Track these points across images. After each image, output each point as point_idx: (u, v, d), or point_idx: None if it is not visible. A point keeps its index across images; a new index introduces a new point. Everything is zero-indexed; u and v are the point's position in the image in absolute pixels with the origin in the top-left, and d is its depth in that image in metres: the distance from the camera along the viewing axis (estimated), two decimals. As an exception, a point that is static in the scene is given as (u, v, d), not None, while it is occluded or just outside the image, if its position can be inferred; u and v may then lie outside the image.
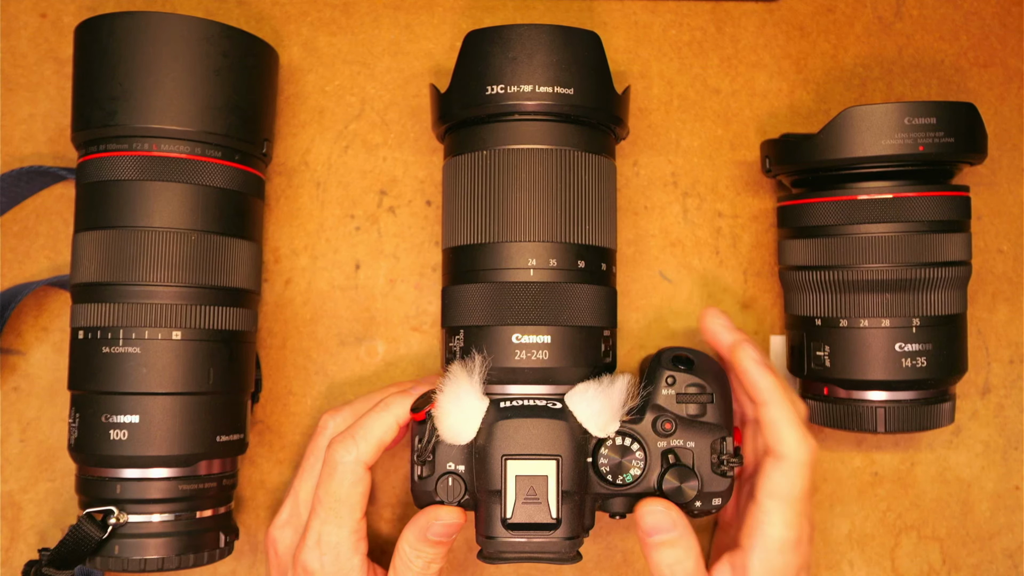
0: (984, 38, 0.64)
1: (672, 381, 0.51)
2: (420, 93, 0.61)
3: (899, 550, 0.61)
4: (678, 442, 0.50)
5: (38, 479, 0.58)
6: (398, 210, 0.60)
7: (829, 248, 0.54)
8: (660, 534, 0.49)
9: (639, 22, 0.62)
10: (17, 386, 0.58)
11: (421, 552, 0.49)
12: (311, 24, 0.61)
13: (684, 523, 0.49)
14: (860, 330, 0.54)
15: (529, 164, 0.50)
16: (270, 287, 0.60)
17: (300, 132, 0.61)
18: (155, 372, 0.49)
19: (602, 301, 0.51)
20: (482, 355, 0.49)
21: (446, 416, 0.48)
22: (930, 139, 0.52)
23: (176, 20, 0.50)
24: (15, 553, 0.58)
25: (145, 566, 0.49)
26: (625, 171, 0.61)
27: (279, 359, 0.59)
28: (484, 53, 0.50)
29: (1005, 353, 0.62)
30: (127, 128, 0.50)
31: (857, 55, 0.63)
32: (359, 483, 0.50)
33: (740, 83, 0.62)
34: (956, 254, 0.54)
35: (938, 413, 0.55)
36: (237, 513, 0.59)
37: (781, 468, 0.49)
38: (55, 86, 0.60)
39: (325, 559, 0.50)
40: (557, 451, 0.48)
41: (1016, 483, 0.62)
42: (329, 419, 0.54)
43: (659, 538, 0.49)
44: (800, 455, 0.49)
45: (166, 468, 0.50)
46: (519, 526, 0.47)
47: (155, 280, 0.50)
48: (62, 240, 0.59)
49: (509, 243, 0.50)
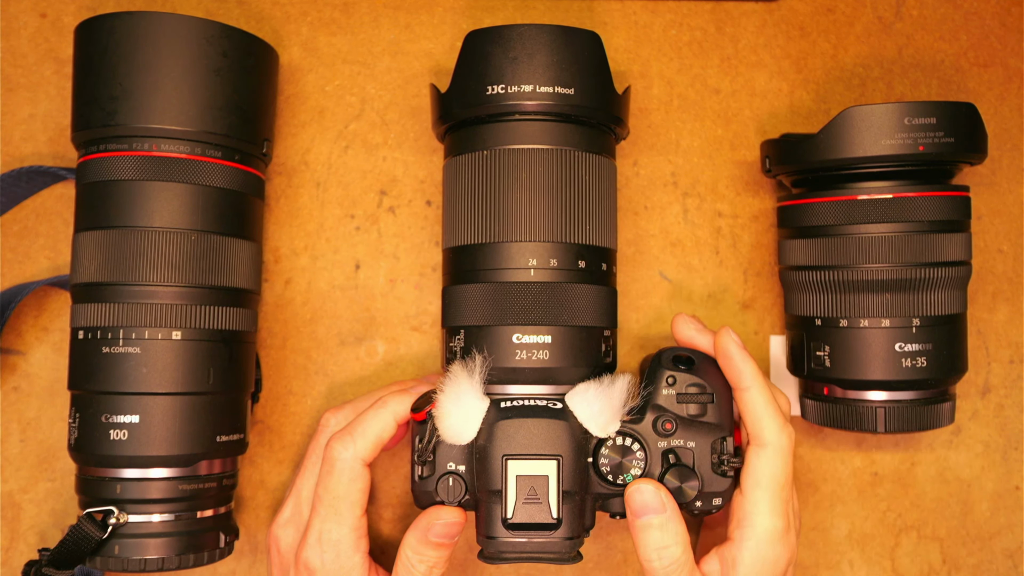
0: (984, 38, 0.64)
1: (672, 381, 0.51)
2: (420, 93, 0.61)
3: (899, 550, 0.62)
4: (678, 442, 0.50)
5: (38, 479, 0.58)
6: (398, 210, 0.60)
7: (829, 248, 0.54)
8: (648, 515, 0.48)
9: (639, 22, 0.62)
10: (17, 386, 0.58)
11: (423, 555, 0.49)
12: (311, 24, 0.61)
13: (674, 507, 0.49)
14: (860, 330, 0.54)
15: (529, 164, 0.50)
16: (270, 287, 0.60)
17: (300, 132, 0.60)
18: (155, 372, 0.49)
19: (602, 301, 0.51)
20: (482, 355, 0.49)
21: (446, 416, 0.48)
22: (930, 139, 0.52)
23: (176, 20, 0.50)
24: (15, 553, 0.58)
25: (145, 566, 0.49)
26: (625, 171, 0.61)
27: (279, 359, 0.59)
28: (484, 53, 0.50)
29: (1005, 353, 0.62)
30: (127, 128, 0.50)
31: (857, 55, 0.63)
32: (358, 480, 0.50)
33: (740, 83, 0.62)
34: (956, 254, 0.54)
35: (938, 413, 0.55)
36: (237, 513, 0.59)
37: (764, 456, 0.50)
38: (55, 86, 0.60)
39: (326, 557, 0.50)
40: (557, 451, 0.48)
41: (1016, 483, 0.62)
42: (330, 417, 0.54)
43: (647, 519, 0.48)
44: (782, 441, 0.50)
45: (166, 468, 0.50)
46: (519, 526, 0.47)
47: (155, 280, 0.50)
48: (62, 240, 0.59)
49: (509, 243, 0.50)
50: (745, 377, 0.51)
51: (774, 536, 0.49)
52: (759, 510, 0.49)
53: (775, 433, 0.50)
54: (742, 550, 0.49)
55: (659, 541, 0.48)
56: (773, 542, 0.49)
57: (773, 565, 0.50)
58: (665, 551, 0.48)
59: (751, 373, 0.51)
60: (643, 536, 0.48)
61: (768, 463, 0.50)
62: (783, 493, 0.50)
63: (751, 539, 0.49)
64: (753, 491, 0.50)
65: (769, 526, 0.49)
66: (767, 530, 0.49)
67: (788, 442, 0.50)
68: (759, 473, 0.50)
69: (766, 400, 0.50)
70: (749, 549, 0.49)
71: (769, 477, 0.50)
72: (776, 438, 0.50)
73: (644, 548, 0.49)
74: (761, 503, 0.49)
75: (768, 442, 0.50)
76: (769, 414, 0.50)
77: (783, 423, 0.50)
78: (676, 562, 0.48)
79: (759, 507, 0.49)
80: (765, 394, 0.51)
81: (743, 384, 0.51)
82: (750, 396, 0.50)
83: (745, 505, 0.50)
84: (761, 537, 0.49)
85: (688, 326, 0.54)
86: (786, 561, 0.50)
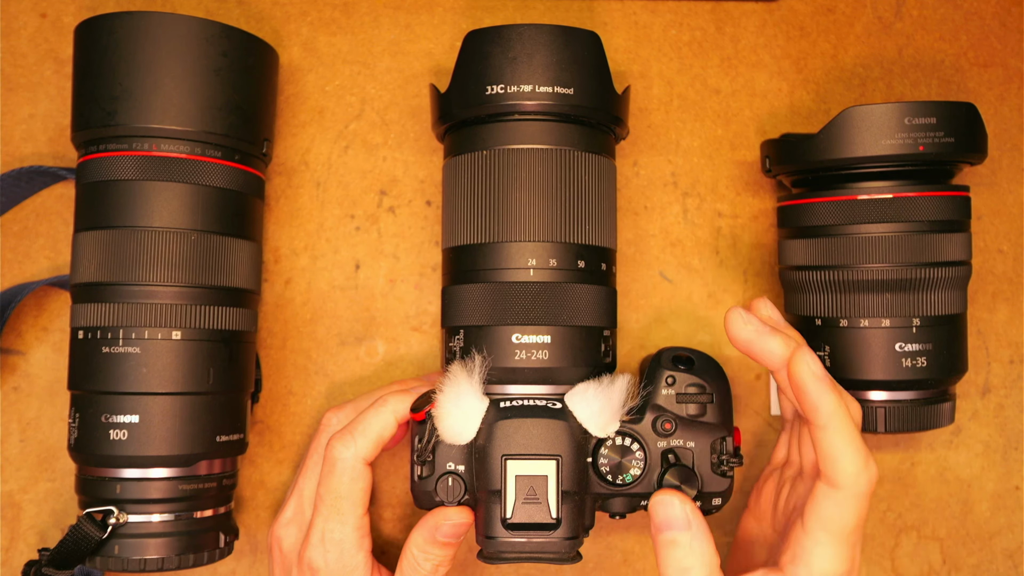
0: (984, 38, 0.64)
1: (672, 381, 0.51)
2: (420, 93, 0.61)
3: (899, 550, 0.61)
4: (678, 442, 0.50)
5: (38, 479, 0.58)
6: (398, 210, 0.60)
7: (829, 248, 0.54)
8: (672, 531, 0.45)
9: (639, 22, 0.62)
10: (17, 386, 0.58)
11: (429, 554, 0.49)
12: (311, 24, 0.61)
13: (700, 523, 0.45)
14: (860, 330, 0.54)
15: (529, 164, 0.50)
16: (270, 287, 0.60)
17: (300, 132, 0.61)
18: (155, 372, 0.49)
19: (602, 301, 0.51)
20: (482, 355, 0.49)
21: (446, 416, 0.48)
22: (930, 139, 0.52)
23: (176, 20, 0.50)
24: (15, 553, 0.58)
25: (145, 566, 0.49)
26: (625, 171, 0.61)
27: (279, 359, 0.59)
28: (484, 53, 0.50)
29: (1005, 353, 0.62)
30: (127, 128, 0.50)
31: (857, 55, 0.63)
32: (359, 479, 0.50)
33: (740, 83, 0.62)
34: (956, 254, 0.54)
35: (938, 413, 0.55)
36: (237, 513, 0.59)
37: (836, 498, 0.45)
38: (55, 86, 0.60)
39: (329, 556, 0.50)
40: (557, 451, 0.48)
41: (1016, 483, 0.62)
42: (332, 416, 0.54)
43: (671, 535, 0.45)
44: (859, 486, 0.44)
45: (166, 468, 0.50)
46: (519, 526, 0.47)
47: (155, 280, 0.50)
48: (62, 240, 0.59)
49: (509, 243, 0.50)
50: (822, 415, 0.45)
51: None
52: (820, 552, 0.45)
53: (852, 477, 0.44)
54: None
55: (682, 562, 0.45)
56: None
57: None
58: (688, 573, 0.45)
59: (829, 410, 0.44)
60: (666, 553, 0.45)
61: (839, 507, 0.45)
62: (851, 538, 0.45)
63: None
64: (817, 532, 0.45)
65: (828, 570, 0.45)
66: (825, 573, 0.45)
67: (867, 486, 0.45)
68: (827, 515, 0.45)
69: (845, 438, 0.44)
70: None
71: (839, 522, 0.45)
72: (853, 482, 0.44)
73: (666, 567, 0.45)
74: (824, 545, 0.45)
75: (843, 486, 0.44)
76: (849, 454, 0.44)
77: (863, 464, 0.44)
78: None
79: (820, 549, 0.45)
80: (845, 432, 0.44)
81: (819, 423, 0.45)
82: (825, 435, 0.45)
83: (805, 542, 0.46)
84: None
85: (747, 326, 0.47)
86: None
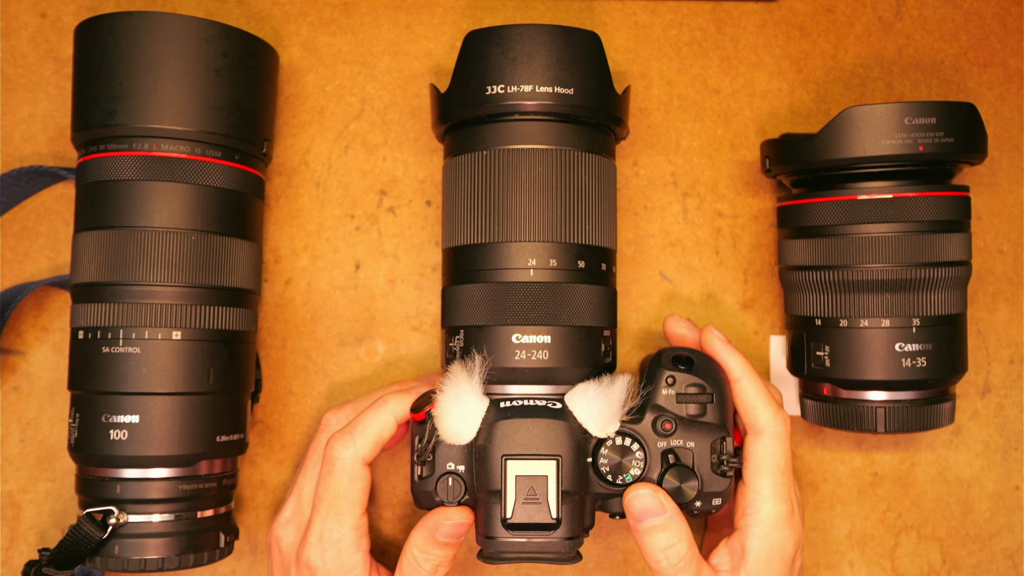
0: (984, 38, 0.64)
1: (672, 381, 0.51)
2: (420, 93, 0.61)
3: (899, 550, 0.61)
4: (678, 442, 0.50)
5: (38, 479, 0.58)
6: (398, 210, 0.60)
7: (829, 248, 0.54)
8: (650, 518, 0.48)
9: (639, 22, 0.62)
10: (17, 386, 0.58)
11: (430, 555, 0.49)
12: (311, 24, 0.61)
13: (673, 506, 0.49)
14: (860, 330, 0.54)
15: (529, 164, 0.50)
16: (270, 287, 0.60)
17: (300, 132, 0.61)
18: (155, 372, 0.49)
19: (602, 301, 0.51)
20: (482, 355, 0.49)
21: (446, 416, 0.48)
22: (930, 139, 0.52)
23: (176, 20, 0.50)
24: (15, 553, 0.58)
25: (145, 566, 0.49)
26: (625, 171, 0.61)
27: (279, 359, 0.59)
28: (484, 53, 0.50)
29: (1005, 353, 0.62)
30: (127, 128, 0.50)
31: (857, 55, 0.63)
32: (358, 479, 0.50)
33: (740, 83, 0.62)
34: (956, 254, 0.54)
35: (938, 413, 0.55)
36: (237, 513, 0.59)
37: (762, 443, 0.51)
38: (55, 86, 0.60)
39: (327, 556, 0.50)
40: (557, 451, 0.48)
41: (1016, 483, 0.62)
42: (331, 416, 0.54)
43: (650, 523, 0.48)
44: (778, 427, 0.51)
45: (166, 468, 0.50)
46: (519, 526, 0.47)
47: (155, 280, 0.50)
48: (62, 240, 0.59)
49: (509, 243, 0.50)
50: (734, 370, 0.52)
51: (780, 520, 0.50)
52: (762, 496, 0.50)
53: (770, 419, 0.51)
54: (749, 537, 0.50)
55: (664, 541, 0.48)
56: (779, 526, 0.50)
57: (781, 549, 0.50)
58: (671, 550, 0.48)
59: (739, 365, 0.52)
60: (647, 539, 0.49)
61: (767, 449, 0.51)
62: (784, 478, 0.51)
63: (757, 526, 0.50)
64: (755, 479, 0.51)
65: (774, 511, 0.50)
66: (772, 515, 0.50)
67: (784, 428, 0.51)
68: (759, 460, 0.51)
69: (757, 389, 0.51)
70: (756, 536, 0.50)
71: (769, 463, 0.50)
72: (772, 424, 0.51)
73: (650, 551, 0.49)
74: (764, 489, 0.50)
75: (764, 429, 0.51)
76: (762, 402, 0.51)
77: (776, 409, 0.51)
78: (683, 559, 0.48)
79: (762, 493, 0.50)
80: (756, 384, 0.52)
81: (733, 376, 0.52)
82: (742, 387, 0.52)
83: (748, 494, 0.51)
84: (767, 523, 0.50)
85: (679, 324, 0.55)
86: (793, 544, 0.51)
